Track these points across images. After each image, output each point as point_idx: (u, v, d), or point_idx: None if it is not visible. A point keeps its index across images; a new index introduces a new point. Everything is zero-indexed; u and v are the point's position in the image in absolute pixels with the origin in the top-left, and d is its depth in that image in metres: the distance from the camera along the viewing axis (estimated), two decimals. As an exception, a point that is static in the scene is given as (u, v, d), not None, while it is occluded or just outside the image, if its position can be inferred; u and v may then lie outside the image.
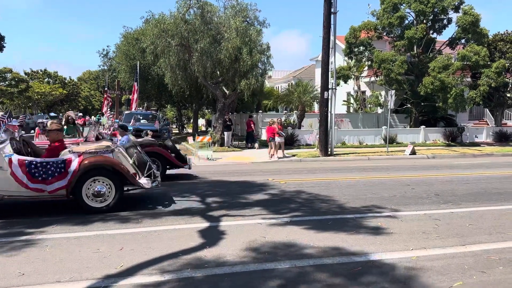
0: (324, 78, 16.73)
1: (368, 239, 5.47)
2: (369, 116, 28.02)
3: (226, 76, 19.16)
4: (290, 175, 11.69)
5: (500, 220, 6.42)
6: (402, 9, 23.07)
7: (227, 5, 19.16)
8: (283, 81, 46.99)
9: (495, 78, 21.60)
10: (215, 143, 19.45)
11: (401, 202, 7.79)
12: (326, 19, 16.17)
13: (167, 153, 10.36)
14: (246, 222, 6.36)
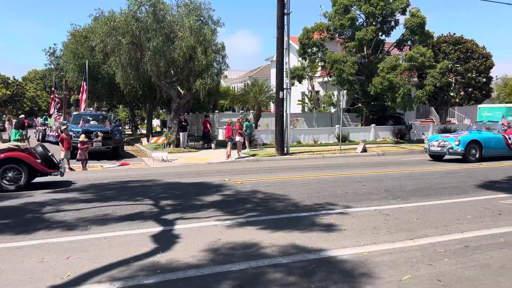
0: (279, 78, 16.89)
1: (321, 236, 5.56)
2: (323, 115, 28.66)
3: (181, 75, 18.85)
4: (246, 175, 11.69)
5: (445, 214, 6.75)
6: (353, 11, 23.80)
7: (180, 3, 18.86)
8: (239, 81, 47.00)
9: (439, 78, 22.81)
10: (170, 144, 19.09)
11: (353, 198, 8.00)
12: (279, 19, 16.33)
13: (31, 159, 9.51)
14: (201, 225, 6.26)
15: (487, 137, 14.64)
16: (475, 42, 28.05)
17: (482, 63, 27.34)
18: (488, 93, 29.16)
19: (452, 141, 14.34)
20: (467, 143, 14.17)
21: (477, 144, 14.35)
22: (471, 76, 26.91)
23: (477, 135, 14.70)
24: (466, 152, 14.08)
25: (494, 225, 6.01)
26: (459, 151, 14.10)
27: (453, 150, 14.17)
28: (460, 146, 14.09)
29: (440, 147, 14.71)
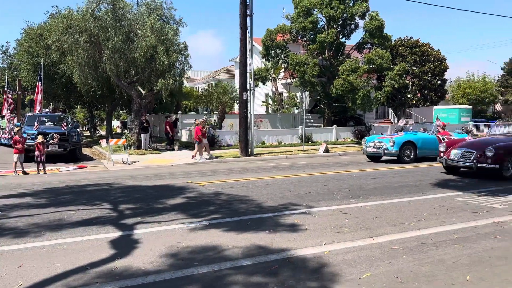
0: (243, 79, 16.89)
1: (284, 236, 5.58)
2: (286, 116, 28.95)
3: (142, 75, 18.43)
4: (210, 176, 11.58)
5: (403, 212, 6.98)
6: (314, 14, 24.19)
7: (141, 2, 18.44)
8: (202, 82, 46.63)
9: (397, 80, 23.62)
10: (131, 145, 18.62)
11: (315, 198, 8.10)
12: (242, 20, 16.33)
13: None
14: (162, 228, 6.12)
15: (421, 138, 14.72)
16: (431, 46, 29.32)
17: (437, 66, 28.61)
18: (443, 95, 30.53)
19: (387, 142, 14.39)
20: (402, 144, 14.23)
21: (412, 145, 14.41)
22: (427, 78, 28.10)
23: (412, 136, 14.83)
24: (400, 153, 14.17)
25: (449, 222, 6.27)
26: (393, 152, 14.16)
27: (388, 151, 14.22)
28: (395, 147, 14.14)
29: (376, 148, 14.71)
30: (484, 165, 10.26)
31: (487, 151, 10.24)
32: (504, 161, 10.27)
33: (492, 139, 11.32)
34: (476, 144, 11.06)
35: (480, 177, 10.76)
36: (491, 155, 10.16)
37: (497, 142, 10.76)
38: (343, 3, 23.40)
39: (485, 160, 10.24)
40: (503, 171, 10.28)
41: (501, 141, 10.98)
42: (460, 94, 35.80)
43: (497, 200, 7.80)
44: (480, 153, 10.40)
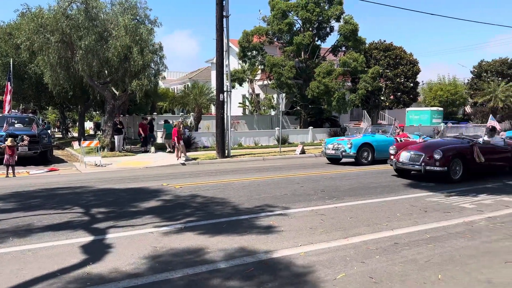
0: (220, 80, 16.81)
1: (260, 238, 5.57)
2: (263, 118, 29.04)
3: (116, 76, 18.06)
4: (186, 179, 11.45)
5: (376, 212, 7.09)
6: (291, 17, 24.39)
7: (115, 1, 18.06)
8: (178, 83, 46.20)
9: (371, 83, 24.08)
10: (104, 147, 18.22)
11: (291, 200, 8.13)
12: (218, 22, 16.27)
13: None
14: (136, 232, 5.99)
15: (379, 140, 14.59)
16: (404, 49, 30.03)
17: (410, 69, 29.31)
18: (415, 97, 31.29)
19: (345, 144, 14.29)
20: (359, 146, 14.17)
21: (370, 147, 14.36)
22: (400, 81, 28.75)
23: (370, 138, 14.78)
24: (358, 155, 14.11)
25: (421, 222, 6.41)
26: (351, 154, 14.10)
27: (346, 153, 14.16)
28: (352, 149, 14.07)
29: (334, 150, 14.62)
30: (433, 168, 10.03)
31: (435, 154, 9.99)
32: (452, 164, 10.07)
33: (442, 142, 11.16)
34: (425, 147, 10.83)
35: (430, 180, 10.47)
36: (439, 157, 9.91)
37: (446, 145, 10.57)
38: (318, 6, 23.68)
39: (434, 163, 10.00)
40: (452, 174, 10.07)
41: (451, 143, 10.81)
42: (432, 96, 36.79)
43: (467, 200, 8.03)
44: (429, 156, 10.14)
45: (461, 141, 10.97)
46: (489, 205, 7.55)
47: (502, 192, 8.83)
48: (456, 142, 10.95)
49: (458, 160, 10.15)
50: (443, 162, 9.89)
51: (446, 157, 9.93)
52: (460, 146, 10.53)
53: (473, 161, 10.23)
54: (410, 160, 10.63)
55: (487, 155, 10.51)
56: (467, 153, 10.27)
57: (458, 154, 10.18)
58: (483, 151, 10.41)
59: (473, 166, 10.34)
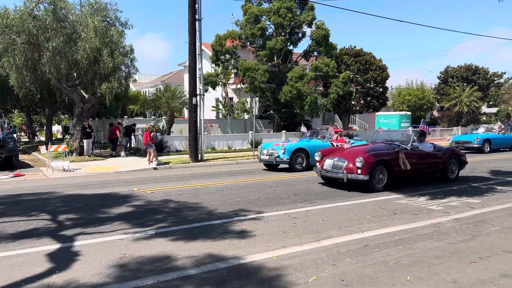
0: (192, 84, 16.68)
1: (233, 243, 5.54)
2: (237, 121, 29.01)
3: (85, 78, 17.61)
4: (157, 183, 11.28)
5: (347, 215, 7.20)
6: (263, 21, 24.55)
7: (84, 2, 17.68)
8: (150, 86, 45.59)
9: (342, 87, 24.51)
10: (72, 152, 17.72)
11: (264, 203, 8.14)
12: (191, 25, 16.17)
13: None
14: (105, 239, 5.84)
15: (314, 145, 13.95)
16: (373, 55, 30.72)
17: (379, 74, 30.02)
18: (384, 102, 32.06)
19: (279, 150, 13.73)
20: (293, 151, 13.61)
21: (304, 152, 13.83)
22: (370, 86, 29.41)
23: (305, 143, 14.24)
24: (291, 161, 13.58)
25: (390, 224, 6.55)
26: (284, 160, 13.56)
27: (279, 159, 13.61)
28: (286, 155, 13.52)
29: (268, 155, 14.01)
30: (355, 176, 9.35)
31: (357, 161, 9.31)
32: (376, 171, 9.42)
33: (369, 147, 10.47)
34: (349, 153, 10.11)
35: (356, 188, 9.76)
36: (361, 165, 9.22)
37: (373, 151, 9.94)
38: (290, 11, 23.93)
39: (356, 170, 9.33)
40: (375, 182, 9.43)
41: (377, 149, 10.15)
42: (400, 101, 37.80)
43: (435, 202, 8.28)
44: (351, 163, 9.48)
45: (388, 147, 10.32)
46: (456, 207, 7.81)
47: (468, 194, 9.15)
48: (383, 148, 10.25)
49: (382, 167, 9.51)
50: (365, 169, 9.21)
51: (368, 164, 9.25)
52: (385, 152, 9.85)
53: (399, 168, 9.61)
54: (333, 168, 9.94)
55: (415, 162, 10.04)
56: (392, 159, 9.62)
57: (382, 161, 9.51)
58: (411, 157, 9.92)
59: (398, 174, 9.74)
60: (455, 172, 11.18)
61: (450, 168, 11.07)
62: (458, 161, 11.30)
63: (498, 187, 10.14)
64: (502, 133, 22.21)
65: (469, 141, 21.06)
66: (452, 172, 11.12)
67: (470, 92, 37.94)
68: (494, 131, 22.43)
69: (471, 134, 22.68)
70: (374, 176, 9.43)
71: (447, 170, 10.98)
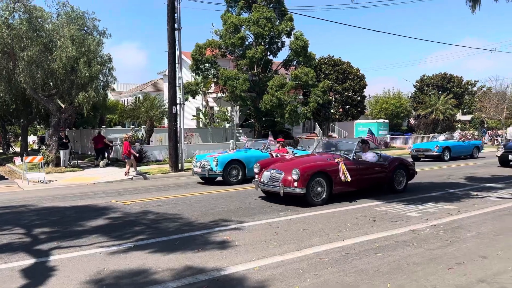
0: (172, 93, 16.58)
1: (214, 254, 5.48)
2: (217, 130, 28.92)
3: (61, 88, 17.27)
4: (136, 194, 11.09)
5: (328, 223, 7.23)
6: (243, 31, 24.69)
7: (61, 11, 17.37)
8: (129, 95, 45.11)
9: (321, 96, 24.80)
10: (49, 163, 17.28)
11: (246, 213, 8.10)
12: (170, 34, 16.11)
13: None
14: (82, 253, 5.69)
15: (252, 156, 12.98)
16: (351, 64, 31.31)
17: (357, 83, 30.56)
18: (362, 110, 32.62)
19: (211, 161, 12.66)
20: (226, 163, 12.59)
21: (240, 164, 12.76)
22: (348, 94, 29.90)
23: (241, 154, 13.23)
24: (225, 173, 12.53)
25: (370, 231, 6.60)
26: (217, 172, 12.50)
27: (212, 172, 12.55)
28: (219, 167, 12.46)
29: (201, 168, 12.87)
30: (291, 190, 8.59)
31: (293, 173, 8.58)
32: (313, 184, 8.73)
33: (308, 158, 9.82)
34: (287, 164, 9.33)
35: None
36: (297, 177, 8.49)
37: (310, 162, 9.29)
38: (270, 22, 24.16)
39: (292, 183, 8.58)
40: (313, 196, 8.72)
41: (316, 160, 9.52)
42: (378, 109, 38.55)
43: (413, 209, 8.41)
44: (289, 175, 8.71)
45: (329, 157, 9.61)
46: (433, 213, 7.95)
47: (445, 200, 9.33)
48: (323, 158, 9.59)
49: (321, 179, 8.83)
50: (301, 182, 8.48)
51: (305, 177, 8.53)
52: (324, 163, 9.20)
53: (339, 180, 8.97)
54: (270, 180, 9.15)
55: (357, 173, 9.43)
56: (332, 171, 8.97)
57: (320, 173, 8.83)
58: (353, 168, 9.32)
59: (339, 186, 9.07)
60: (402, 183, 10.60)
61: (397, 179, 10.47)
62: (406, 171, 10.71)
63: (474, 193, 10.40)
64: (462, 141, 22.00)
65: (429, 149, 20.71)
66: (400, 183, 10.54)
67: (445, 100, 38.99)
68: (454, 139, 22.15)
69: (431, 142, 22.37)
70: (312, 189, 8.72)
71: (393, 181, 10.36)
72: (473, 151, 22.18)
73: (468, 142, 22.34)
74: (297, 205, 8.79)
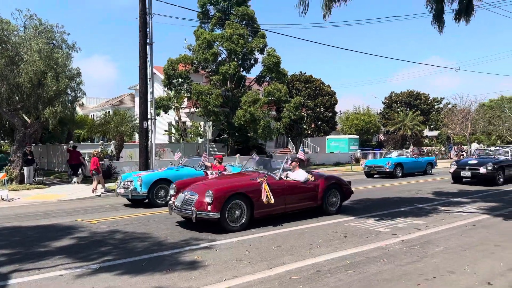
0: (143, 108, 16.33)
1: (183, 275, 5.33)
2: (190, 145, 28.65)
3: (27, 102, 16.70)
4: (103, 213, 10.73)
5: (300, 240, 7.20)
6: (216, 47, 24.82)
7: (28, 24, 16.93)
8: (98, 109, 44.23)
9: (294, 112, 25.09)
10: (12, 180, 16.56)
11: (216, 230, 7.90)
12: (142, 49, 15.96)
13: None
14: (44, 276, 5.41)
15: (183, 174, 11.64)
16: (322, 81, 31.94)
17: (328, 99, 31.13)
18: (334, 126, 33.18)
19: (135, 181, 11.38)
20: (152, 183, 11.30)
21: (169, 184, 10.93)
22: (320, 110, 30.40)
23: (171, 172, 12.06)
24: (151, 195, 11.35)
25: (341, 248, 6.62)
26: (141, 194, 11.24)
27: (136, 192, 11.27)
28: (143, 188, 11.21)
29: (124, 188, 11.53)
30: (205, 214, 7.63)
31: (206, 195, 7.65)
32: (230, 207, 7.78)
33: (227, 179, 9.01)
34: (204, 185, 8.37)
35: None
36: (210, 200, 7.56)
37: (229, 182, 8.48)
38: (243, 38, 24.41)
39: (205, 206, 7.61)
40: (229, 221, 7.77)
41: (236, 180, 8.67)
42: (349, 125, 39.31)
43: (383, 224, 8.51)
44: (202, 197, 7.76)
45: (254, 176, 8.70)
46: (403, 229, 8.07)
47: (414, 215, 9.51)
48: (244, 179, 8.66)
49: (240, 202, 7.90)
50: (215, 205, 7.54)
51: (219, 199, 7.59)
52: (244, 183, 8.30)
53: (261, 202, 8.07)
54: (183, 203, 8.13)
55: (284, 194, 8.63)
56: (253, 192, 8.06)
57: (239, 194, 7.91)
58: (279, 188, 8.54)
59: (261, 209, 8.17)
60: (336, 204, 9.75)
61: (330, 199, 9.65)
62: (340, 191, 9.89)
63: (441, 207, 10.66)
64: (415, 157, 21.70)
65: (381, 165, 20.12)
66: (333, 204, 9.69)
67: (412, 116, 40.24)
68: (407, 155, 21.91)
69: (384, 158, 21.87)
70: (229, 213, 7.78)
71: (326, 202, 9.51)
72: (427, 168, 21.79)
73: (421, 159, 22.12)
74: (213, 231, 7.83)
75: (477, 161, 16.67)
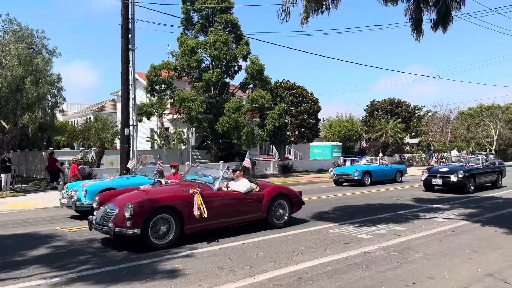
0: (125, 114, 16.14)
1: (164, 284, 5.25)
2: (173, 152, 28.42)
3: (6, 108, 16.35)
4: (83, 221, 10.40)
5: (282, 247, 7.19)
6: (199, 53, 24.79)
7: (7, 29, 16.63)
8: (79, 115, 43.57)
9: (277, 119, 25.18)
10: (-12, 187, 16.11)
11: (198, 238, 7.84)
12: (124, 55, 15.81)
13: None
14: (20, 286, 5.25)
15: (135, 183, 10.56)
16: (305, 88, 32.21)
17: (312, 106, 31.40)
18: (317, 133, 33.44)
19: (80, 190, 10.48)
20: (97, 193, 9.32)
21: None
22: (303, 118, 30.62)
23: (120, 181, 11.16)
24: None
25: (323, 254, 6.63)
26: (85, 204, 10.24)
27: (80, 203, 10.35)
28: (88, 198, 10.21)
29: (68, 199, 10.66)
30: (123, 231, 6.74)
31: (125, 210, 6.82)
32: (153, 222, 6.94)
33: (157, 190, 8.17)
34: (127, 197, 7.55)
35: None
36: (129, 215, 6.71)
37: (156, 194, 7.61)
38: (226, 45, 24.45)
39: (124, 222, 6.75)
40: (152, 237, 6.94)
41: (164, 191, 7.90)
42: (332, 132, 39.66)
43: (364, 231, 8.57)
44: (122, 212, 6.92)
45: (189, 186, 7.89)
46: (384, 235, 8.14)
47: (395, 222, 9.61)
48: (177, 189, 7.99)
49: (167, 216, 7.10)
50: (135, 220, 6.70)
51: (139, 214, 6.73)
52: (171, 195, 7.49)
53: (193, 216, 7.28)
54: (102, 218, 7.26)
55: (221, 206, 7.91)
56: (183, 205, 7.24)
57: (166, 208, 7.08)
58: (215, 200, 7.85)
59: (193, 224, 7.38)
60: (284, 217, 8.98)
61: (276, 211, 8.89)
62: (289, 202, 9.11)
63: (422, 214, 10.81)
64: (384, 164, 21.13)
65: (349, 173, 19.53)
66: (280, 217, 8.93)
67: (394, 124, 40.87)
68: (376, 163, 21.15)
69: (352, 166, 21.33)
70: (154, 229, 6.97)
71: (271, 214, 8.78)
72: (396, 175, 21.24)
73: (390, 166, 21.81)
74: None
75: (448, 168, 16.59)
